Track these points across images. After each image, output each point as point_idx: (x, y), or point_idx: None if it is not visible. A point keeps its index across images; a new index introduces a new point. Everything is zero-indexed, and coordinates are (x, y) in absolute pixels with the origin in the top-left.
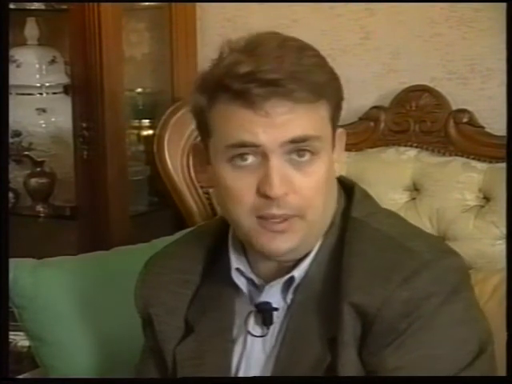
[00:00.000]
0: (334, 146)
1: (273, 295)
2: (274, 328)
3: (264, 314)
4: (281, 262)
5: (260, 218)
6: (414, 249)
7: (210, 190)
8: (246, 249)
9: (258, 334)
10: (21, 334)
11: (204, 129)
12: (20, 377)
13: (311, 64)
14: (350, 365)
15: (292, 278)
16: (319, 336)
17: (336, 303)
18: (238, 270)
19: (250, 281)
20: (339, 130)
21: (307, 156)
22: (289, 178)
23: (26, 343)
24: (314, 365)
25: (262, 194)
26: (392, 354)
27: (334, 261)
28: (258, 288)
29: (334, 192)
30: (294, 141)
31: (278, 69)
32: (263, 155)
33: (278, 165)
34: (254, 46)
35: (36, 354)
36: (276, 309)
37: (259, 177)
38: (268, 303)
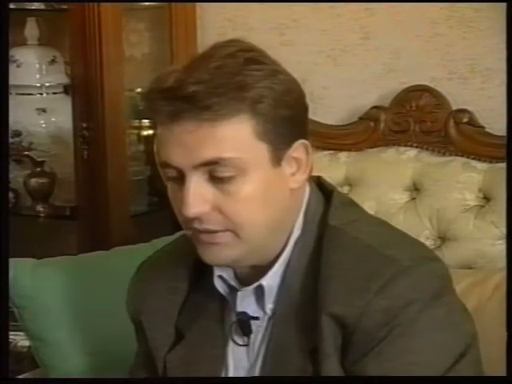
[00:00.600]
0: (279, 160)
1: (249, 305)
2: (257, 337)
3: (242, 324)
4: (251, 267)
5: (193, 230)
6: (392, 256)
7: None
8: None
9: (241, 343)
10: (21, 333)
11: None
12: (20, 377)
13: (247, 77)
14: (332, 375)
15: (261, 287)
16: (300, 347)
17: (315, 314)
18: (220, 277)
19: (232, 288)
20: (299, 141)
21: (228, 174)
22: (207, 197)
23: (26, 343)
24: (296, 375)
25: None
26: (372, 361)
27: (311, 270)
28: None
29: (286, 205)
30: (206, 164)
31: (200, 82)
32: (182, 174)
33: (195, 184)
34: (198, 57)
35: (36, 354)
36: (255, 318)
37: (181, 195)
38: (245, 313)
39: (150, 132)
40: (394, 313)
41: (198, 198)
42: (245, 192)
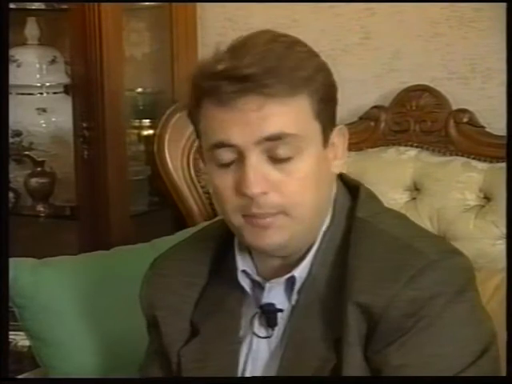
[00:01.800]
0: (326, 142)
1: (276, 296)
2: (279, 329)
3: (268, 315)
4: (282, 259)
5: (245, 216)
6: (420, 249)
7: (211, 190)
8: (250, 250)
9: (263, 335)
10: (21, 333)
11: (196, 130)
12: (20, 377)
13: (296, 58)
14: (355, 364)
15: (293, 278)
16: (324, 337)
17: (341, 304)
18: (243, 271)
19: (255, 282)
20: (338, 127)
21: (287, 154)
22: (267, 177)
23: (27, 343)
24: (319, 366)
25: (241, 192)
26: (396, 351)
27: (338, 262)
28: (263, 289)
29: (330, 189)
30: (269, 138)
31: (255, 64)
32: (241, 154)
33: (255, 163)
34: (241, 44)
35: (36, 354)
36: (280, 310)
37: (239, 176)
38: (272, 304)
39: (150, 132)
40: (420, 304)
41: (259, 176)
42: (302, 171)
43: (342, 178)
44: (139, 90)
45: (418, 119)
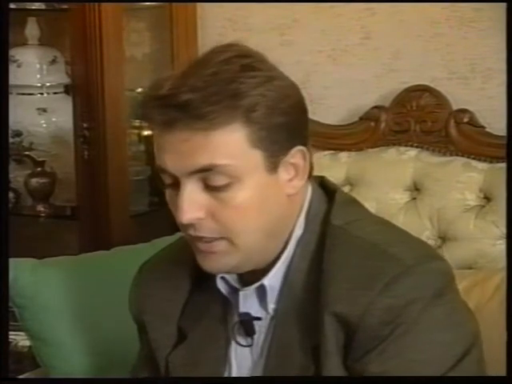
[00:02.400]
0: (274, 167)
1: (251, 305)
2: (260, 338)
3: (245, 324)
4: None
5: (190, 238)
6: (396, 255)
7: None
8: None
9: (244, 344)
10: (21, 333)
11: None
12: (21, 377)
13: (242, 86)
14: (335, 373)
15: (262, 286)
16: (302, 345)
17: (317, 313)
18: (222, 278)
19: (233, 289)
20: (297, 148)
21: (221, 183)
22: (201, 203)
23: (27, 343)
24: (299, 374)
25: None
26: (375, 359)
27: (313, 268)
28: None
29: (281, 211)
30: (200, 170)
31: (194, 90)
32: (177, 180)
33: (190, 191)
34: (196, 63)
35: (36, 354)
36: (258, 318)
37: (177, 201)
38: (247, 314)
39: (151, 132)
40: (397, 311)
41: (192, 204)
42: (239, 199)
43: (321, 181)
44: (139, 90)
45: (418, 119)
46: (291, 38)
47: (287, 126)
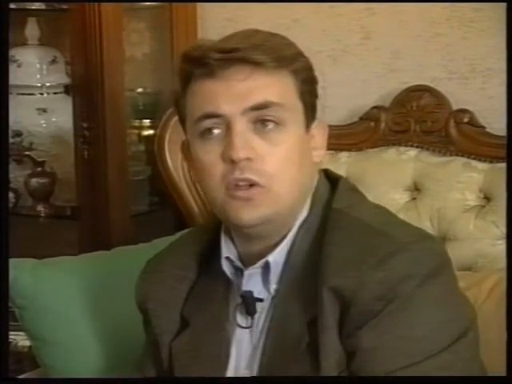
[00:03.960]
0: (308, 127)
1: (254, 284)
2: (260, 319)
3: (246, 303)
4: (260, 244)
5: (228, 188)
6: (392, 234)
7: (193, 174)
8: (233, 237)
9: (244, 325)
10: (21, 333)
11: (182, 117)
12: (21, 377)
13: (279, 42)
14: (332, 347)
15: (267, 264)
16: (299, 320)
17: (316, 289)
18: (227, 258)
19: (238, 270)
20: (318, 119)
21: (272, 125)
22: (252, 144)
23: (27, 343)
24: (294, 346)
25: (226, 158)
26: (367, 333)
27: (314, 250)
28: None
29: (311, 176)
30: (255, 107)
31: (241, 42)
32: (228, 124)
33: (241, 130)
34: (228, 35)
35: (36, 354)
36: (260, 299)
37: (224, 144)
38: (250, 292)
39: (151, 132)
40: (390, 286)
41: (245, 142)
42: (286, 143)
43: (325, 173)
44: (139, 90)
45: (418, 119)
46: (291, 38)
47: (315, 90)
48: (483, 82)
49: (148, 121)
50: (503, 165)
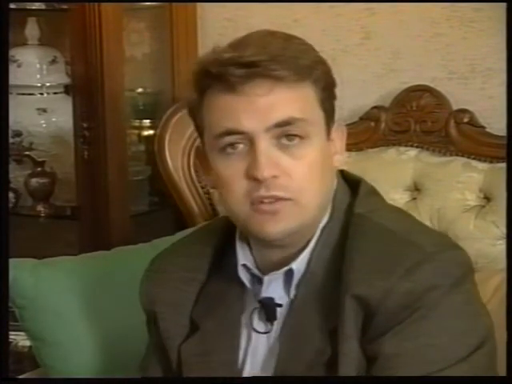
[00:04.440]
0: (329, 133)
1: (275, 290)
2: (278, 323)
3: (267, 309)
4: (280, 252)
5: (252, 203)
6: (417, 242)
7: (211, 190)
8: (251, 245)
9: (262, 331)
10: (21, 333)
11: (199, 127)
12: (21, 377)
13: (296, 49)
14: (352, 356)
15: (291, 271)
16: (320, 329)
17: (338, 297)
18: (244, 266)
19: (255, 277)
20: (337, 123)
21: (296, 140)
22: (277, 161)
23: (27, 343)
24: (315, 358)
25: (251, 177)
26: (390, 340)
27: (336, 256)
28: (262, 284)
29: (332, 182)
30: (279, 125)
31: (260, 53)
32: (251, 141)
33: (266, 148)
34: (240, 40)
35: (37, 354)
36: (279, 305)
37: (248, 162)
38: (271, 298)
39: (151, 132)
40: (416, 296)
41: (270, 160)
42: (311, 156)
43: (343, 174)
44: (139, 90)
45: (418, 119)
46: None
47: (334, 95)
48: (483, 82)
49: (148, 121)
50: (503, 165)
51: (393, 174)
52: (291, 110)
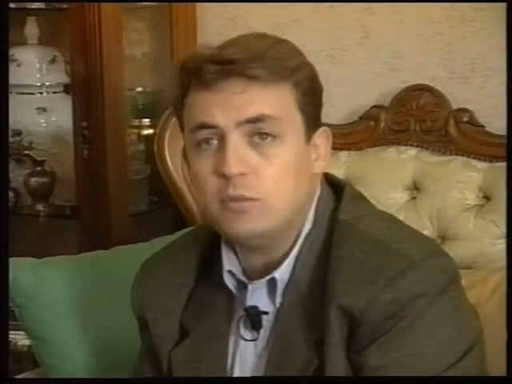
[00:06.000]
0: (308, 138)
1: (260, 299)
2: (265, 331)
3: (252, 318)
4: (264, 257)
5: (222, 201)
6: (401, 250)
7: (191, 182)
8: (235, 249)
9: (249, 338)
10: (21, 333)
11: (181, 124)
12: (20, 376)
13: (282, 51)
14: (338, 366)
15: (274, 279)
16: (306, 339)
17: (323, 306)
18: (229, 272)
19: (240, 283)
20: (322, 128)
21: (269, 139)
22: (246, 158)
23: (27, 342)
24: (302, 368)
25: (219, 173)
26: (376, 351)
27: (320, 264)
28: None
29: (310, 187)
30: (250, 120)
31: (240, 52)
32: (222, 135)
33: (236, 144)
34: (233, 38)
35: (36, 354)
36: (265, 312)
37: (218, 156)
38: (255, 307)
39: (150, 131)
40: (400, 306)
41: (238, 156)
42: (282, 157)
43: (328, 178)
44: (139, 89)
45: (418, 119)
46: (291, 38)
47: (320, 101)
48: (483, 82)
49: (148, 120)
50: (503, 164)
51: (392, 173)
52: (264, 107)
